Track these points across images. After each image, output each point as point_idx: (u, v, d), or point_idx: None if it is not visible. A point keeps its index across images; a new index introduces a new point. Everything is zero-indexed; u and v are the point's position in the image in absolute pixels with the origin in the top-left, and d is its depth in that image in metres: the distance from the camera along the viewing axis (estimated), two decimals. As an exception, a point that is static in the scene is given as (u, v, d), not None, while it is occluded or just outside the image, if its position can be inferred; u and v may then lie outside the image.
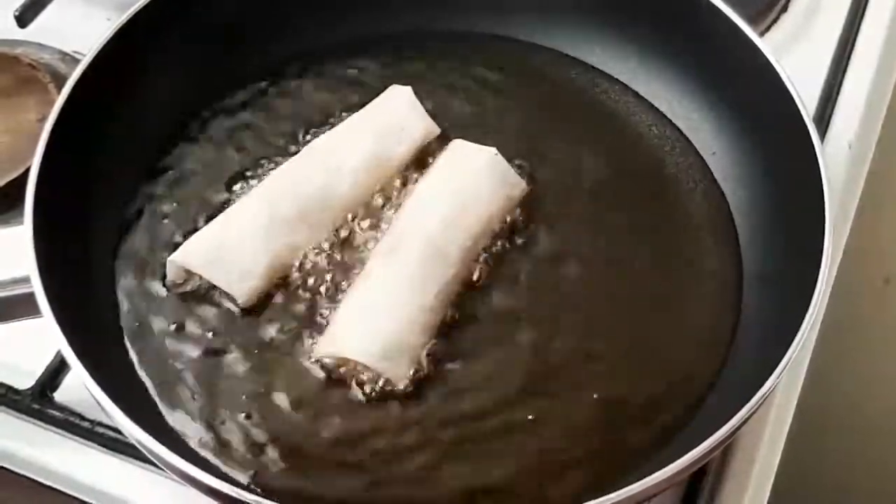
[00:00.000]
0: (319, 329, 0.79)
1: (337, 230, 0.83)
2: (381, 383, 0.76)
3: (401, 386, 0.76)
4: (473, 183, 0.83)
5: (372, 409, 0.76)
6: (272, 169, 0.86)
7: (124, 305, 0.80)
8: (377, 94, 0.89)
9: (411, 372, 0.76)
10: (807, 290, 0.73)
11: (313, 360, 0.78)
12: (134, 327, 0.80)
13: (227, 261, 0.79)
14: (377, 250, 0.81)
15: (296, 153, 0.87)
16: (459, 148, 0.86)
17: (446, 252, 0.80)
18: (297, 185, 0.82)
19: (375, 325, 0.76)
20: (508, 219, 0.84)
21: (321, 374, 0.77)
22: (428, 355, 0.78)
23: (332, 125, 0.89)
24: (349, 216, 0.83)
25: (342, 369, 0.77)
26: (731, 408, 0.69)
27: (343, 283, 0.81)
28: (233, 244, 0.79)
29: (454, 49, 0.95)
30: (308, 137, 0.89)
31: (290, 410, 0.76)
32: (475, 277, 0.82)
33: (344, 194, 0.83)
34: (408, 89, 0.88)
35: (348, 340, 0.76)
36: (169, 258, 0.80)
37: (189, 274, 0.81)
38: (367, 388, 0.76)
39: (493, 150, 0.85)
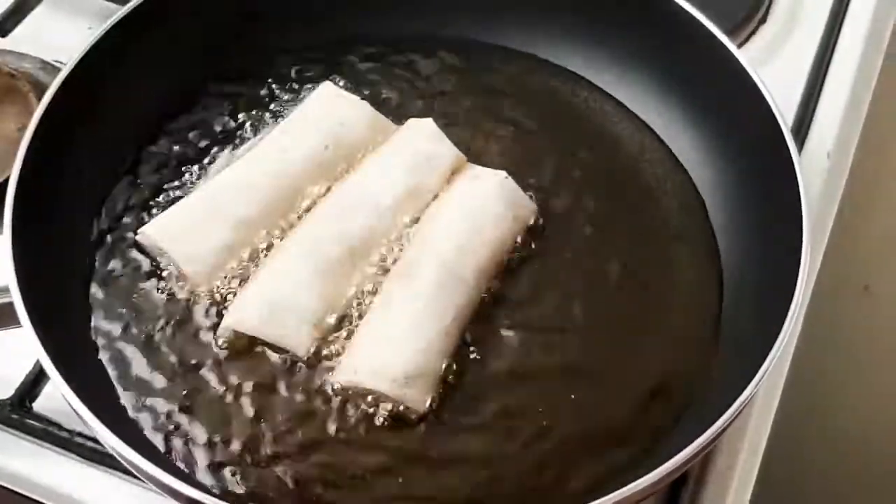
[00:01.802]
0: (329, 356, 0.78)
1: (380, 262, 0.82)
2: (399, 409, 0.76)
3: (420, 411, 0.76)
4: (485, 206, 0.83)
5: (388, 435, 0.75)
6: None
7: (100, 316, 0.80)
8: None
9: (430, 397, 0.76)
10: (785, 299, 0.74)
11: (328, 387, 0.77)
12: (110, 337, 0.79)
13: (283, 315, 0.77)
14: (392, 275, 0.80)
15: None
16: (469, 171, 0.86)
17: (462, 275, 0.80)
18: (339, 228, 0.81)
19: (395, 352, 0.76)
20: (519, 239, 0.84)
21: (333, 400, 0.77)
22: (445, 379, 0.77)
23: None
24: (387, 248, 0.83)
25: (357, 397, 0.76)
26: (711, 416, 0.69)
27: (356, 309, 0.80)
28: (287, 298, 0.78)
29: (434, 53, 0.95)
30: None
31: (287, 432, 0.75)
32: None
33: (384, 230, 0.82)
34: (429, 121, 0.88)
35: (368, 369, 0.75)
36: (222, 324, 0.78)
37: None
38: (384, 415, 0.76)
39: (503, 173, 0.85)
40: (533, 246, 0.85)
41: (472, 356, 0.79)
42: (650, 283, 0.84)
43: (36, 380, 0.82)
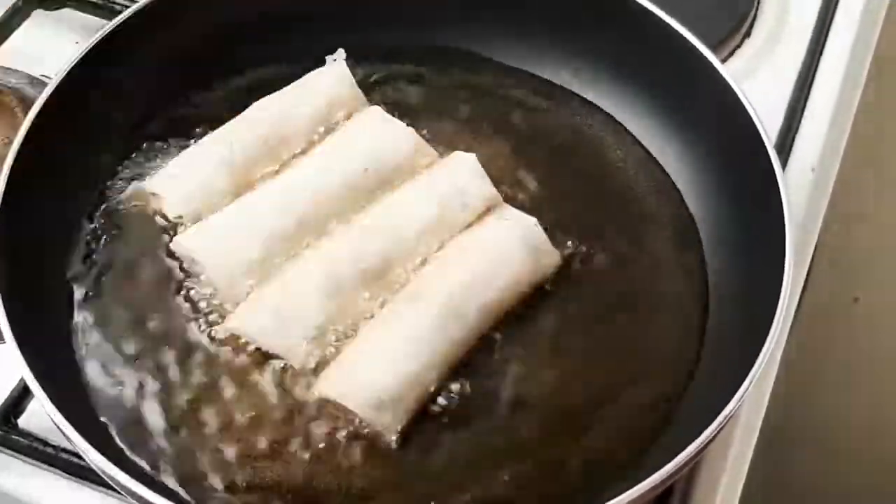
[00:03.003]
0: (320, 369, 0.78)
1: (391, 286, 0.81)
2: (367, 432, 0.75)
3: (390, 438, 0.75)
4: (507, 249, 0.82)
5: (352, 456, 0.75)
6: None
7: (85, 332, 0.80)
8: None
9: (401, 426, 0.75)
10: (769, 313, 0.74)
11: (309, 398, 0.76)
12: (95, 354, 0.79)
13: (285, 326, 0.77)
14: (396, 299, 0.80)
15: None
16: (501, 211, 0.85)
17: (464, 312, 0.79)
18: (356, 250, 0.81)
19: (376, 374, 0.75)
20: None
21: (312, 413, 0.76)
22: (425, 410, 0.77)
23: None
24: (401, 274, 0.82)
25: (331, 411, 0.76)
26: (696, 429, 0.70)
27: (356, 327, 0.79)
28: (292, 309, 0.78)
29: (422, 66, 0.95)
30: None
31: (265, 447, 0.75)
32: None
33: (402, 258, 0.82)
34: (472, 156, 0.87)
35: (344, 386, 0.75)
36: (223, 326, 0.78)
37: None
38: (351, 435, 0.75)
39: (533, 220, 0.84)
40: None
41: (460, 389, 0.78)
42: (637, 296, 0.84)
43: (21, 396, 0.82)
